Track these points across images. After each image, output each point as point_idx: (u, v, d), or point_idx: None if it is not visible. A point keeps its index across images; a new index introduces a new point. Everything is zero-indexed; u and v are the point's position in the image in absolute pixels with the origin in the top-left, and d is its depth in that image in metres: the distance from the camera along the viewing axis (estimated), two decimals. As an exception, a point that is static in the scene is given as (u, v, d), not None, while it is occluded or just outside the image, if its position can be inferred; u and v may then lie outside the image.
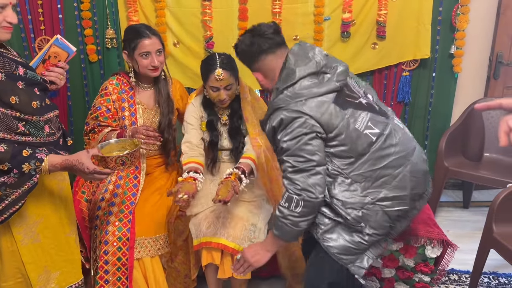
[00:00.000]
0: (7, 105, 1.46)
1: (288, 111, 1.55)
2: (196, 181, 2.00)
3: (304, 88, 1.57)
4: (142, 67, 2.11)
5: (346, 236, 1.61)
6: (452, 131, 2.94)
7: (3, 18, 1.46)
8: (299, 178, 1.54)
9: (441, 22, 2.95)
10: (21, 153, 1.46)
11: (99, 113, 2.16)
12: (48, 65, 1.71)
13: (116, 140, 1.85)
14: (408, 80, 3.07)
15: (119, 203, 2.07)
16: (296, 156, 1.55)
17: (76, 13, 2.81)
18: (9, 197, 1.49)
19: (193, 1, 2.84)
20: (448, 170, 2.87)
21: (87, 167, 1.53)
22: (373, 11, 2.90)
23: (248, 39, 1.69)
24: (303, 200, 1.54)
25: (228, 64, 2.07)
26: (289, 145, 1.55)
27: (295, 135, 1.54)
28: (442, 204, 3.19)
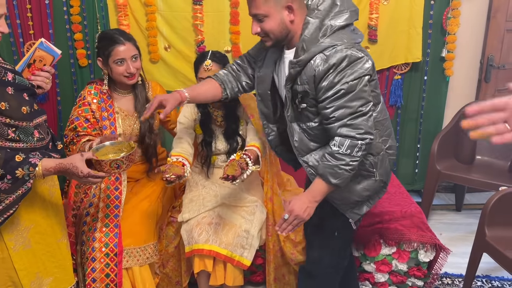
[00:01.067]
0: None
1: (353, 50, 1.50)
2: (184, 166, 1.94)
3: (351, 35, 1.56)
4: (117, 74, 2.06)
5: (354, 185, 1.67)
6: (444, 134, 2.95)
7: None
8: (361, 122, 1.52)
9: (432, 25, 2.96)
10: (14, 158, 1.43)
11: (77, 124, 2.07)
12: (34, 69, 1.68)
13: (111, 143, 1.81)
14: (400, 83, 3.07)
15: (102, 218, 2.02)
16: (359, 99, 1.50)
17: (65, 17, 2.78)
18: (3, 203, 1.47)
19: (184, 5, 2.82)
20: (440, 173, 2.87)
21: (81, 171, 1.51)
22: (364, 14, 2.90)
23: None
24: (365, 144, 1.54)
25: (219, 58, 2.08)
26: (352, 86, 1.49)
27: (359, 75, 1.50)
28: (435, 207, 3.20)
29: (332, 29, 1.52)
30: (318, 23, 1.52)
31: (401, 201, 2.40)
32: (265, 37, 1.61)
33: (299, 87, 1.58)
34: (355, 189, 1.69)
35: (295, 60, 1.55)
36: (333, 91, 1.50)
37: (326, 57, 1.49)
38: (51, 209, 1.69)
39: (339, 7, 1.55)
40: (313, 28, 1.52)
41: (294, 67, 1.56)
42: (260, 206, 2.14)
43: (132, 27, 2.84)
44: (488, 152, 3.00)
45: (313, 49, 1.51)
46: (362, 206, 1.74)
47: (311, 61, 1.52)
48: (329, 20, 1.53)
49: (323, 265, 1.83)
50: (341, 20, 1.54)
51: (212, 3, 2.81)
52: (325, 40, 1.51)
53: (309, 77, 1.54)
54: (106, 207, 2.04)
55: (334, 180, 1.56)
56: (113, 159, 1.61)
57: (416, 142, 3.23)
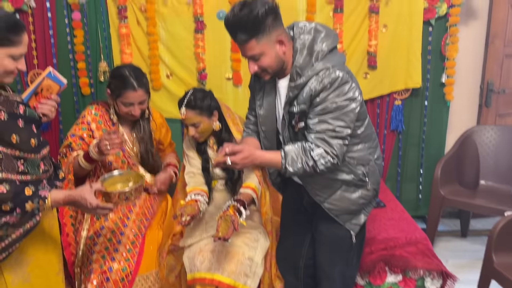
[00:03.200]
0: (7, 144, 1.45)
1: (343, 72, 1.62)
2: (198, 202, 2.03)
3: (339, 56, 1.68)
4: (121, 112, 2.13)
5: (349, 195, 1.79)
6: (447, 159, 2.94)
7: (16, 66, 1.49)
8: (336, 144, 1.65)
9: (431, 51, 3.00)
10: (24, 191, 1.44)
11: (72, 140, 2.12)
12: (41, 98, 1.70)
13: (119, 172, 1.84)
14: (400, 109, 3.08)
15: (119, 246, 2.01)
16: (340, 121, 1.63)
17: (69, 47, 2.82)
18: (10, 236, 1.46)
19: (186, 34, 2.87)
20: (444, 198, 2.84)
21: (89, 203, 1.52)
22: (363, 41, 2.94)
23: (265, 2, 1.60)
24: (331, 163, 1.66)
25: (196, 103, 2.08)
26: (339, 106, 1.62)
27: (349, 97, 1.62)
28: (440, 233, 3.15)
29: (323, 53, 1.65)
30: (307, 50, 1.65)
31: (405, 227, 2.36)
32: (263, 73, 1.71)
33: (296, 107, 1.70)
34: (351, 198, 1.81)
35: (293, 84, 1.68)
36: (321, 106, 1.64)
37: (321, 79, 1.62)
38: (50, 243, 1.69)
39: (324, 32, 1.68)
40: (304, 55, 1.65)
41: (292, 90, 1.69)
42: (264, 233, 2.11)
43: (134, 56, 2.87)
44: (492, 177, 2.98)
45: (309, 73, 1.64)
46: (359, 215, 1.85)
47: (308, 83, 1.65)
48: (317, 46, 1.65)
49: (337, 281, 1.89)
50: (329, 44, 1.67)
51: (213, 32, 2.86)
52: (318, 64, 1.64)
53: (306, 98, 1.66)
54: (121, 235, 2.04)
55: (289, 164, 1.68)
56: (121, 191, 1.63)
57: (419, 167, 3.22)
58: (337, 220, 1.84)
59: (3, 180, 1.42)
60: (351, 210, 1.83)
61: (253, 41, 1.61)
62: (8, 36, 1.42)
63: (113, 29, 2.84)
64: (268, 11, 1.58)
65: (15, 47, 1.45)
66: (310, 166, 1.66)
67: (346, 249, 1.89)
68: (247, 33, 1.60)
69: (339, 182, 1.79)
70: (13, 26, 1.43)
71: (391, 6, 2.89)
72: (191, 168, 2.21)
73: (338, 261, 1.90)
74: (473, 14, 3.03)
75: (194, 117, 2.09)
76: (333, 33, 1.71)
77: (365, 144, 1.79)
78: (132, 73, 2.10)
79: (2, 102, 1.46)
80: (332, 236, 1.87)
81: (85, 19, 2.78)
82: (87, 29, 2.81)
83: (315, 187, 1.81)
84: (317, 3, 2.85)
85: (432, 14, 2.90)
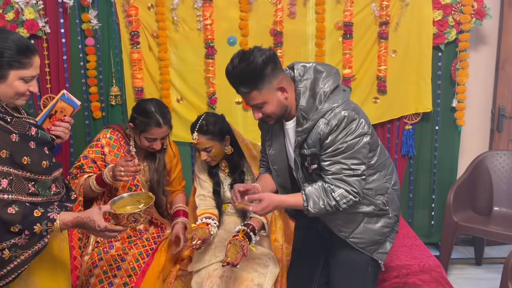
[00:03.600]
0: (18, 165, 1.45)
1: (348, 111, 1.63)
2: (208, 225, 2.03)
3: (342, 95, 1.67)
4: (143, 145, 2.13)
5: (372, 226, 1.78)
6: (459, 184, 2.89)
7: (27, 88, 1.51)
8: (355, 181, 1.64)
9: (441, 76, 3.00)
10: (32, 213, 1.43)
11: (84, 162, 2.12)
12: (55, 120, 1.73)
13: (129, 194, 1.85)
14: (411, 133, 3.06)
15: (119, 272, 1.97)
16: (353, 159, 1.63)
17: (82, 72, 2.87)
18: (19, 258, 1.45)
19: (196, 59, 2.91)
20: (457, 225, 2.78)
21: (98, 225, 1.52)
22: (373, 66, 2.95)
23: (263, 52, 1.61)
24: (353, 201, 1.66)
25: (207, 128, 2.11)
26: (350, 145, 1.62)
27: (358, 134, 1.63)
28: (454, 261, 3.07)
29: (326, 94, 1.65)
30: (309, 92, 1.66)
31: (418, 254, 2.31)
32: (268, 118, 1.73)
33: (307, 151, 1.70)
34: (375, 228, 1.79)
35: (300, 128, 1.69)
36: (332, 148, 1.64)
37: (328, 121, 1.63)
38: (59, 265, 1.67)
39: (325, 73, 1.69)
40: (307, 98, 1.66)
41: (300, 134, 1.69)
42: (273, 259, 2.07)
43: (145, 80, 2.92)
44: (505, 203, 2.91)
45: (314, 116, 1.65)
46: (385, 243, 1.84)
47: (315, 127, 1.66)
48: (320, 88, 1.66)
49: None
50: (330, 84, 1.67)
51: (223, 57, 2.89)
52: (323, 106, 1.65)
53: (315, 141, 1.67)
54: (122, 261, 2.00)
55: (311, 206, 1.67)
56: (130, 213, 1.62)
57: (431, 193, 3.17)
58: (364, 252, 1.81)
59: (13, 201, 1.42)
60: (376, 240, 1.81)
61: (255, 92, 1.63)
62: (19, 58, 1.45)
63: (125, 54, 2.89)
64: (266, 61, 1.60)
65: (26, 70, 1.47)
66: (333, 206, 1.66)
67: (363, 275, 1.85)
68: (248, 86, 1.63)
69: (360, 215, 1.77)
70: (24, 49, 1.46)
71: (400, 31, 2.91)
72: (202, 191, 2.21)
73: (354, 287, 1.86)
74: (482, 39, 3.04)
75: (206, 142, 2.10)
76: (333, 71, 1.72)
77: (380, 173, 1.78)
78: (158, 109, 2.09)
79: (14, 124, 1.47)
80: (349, 262, 1.83)
81: (98, 44, 2.84)
82: (100, 54, 2.86)
83: (338, 224, 1.79)
84: (326, 29, 2.89)
85: (442, 39, 2.91)
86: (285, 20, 2.86)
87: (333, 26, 2.89)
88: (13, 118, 1.48)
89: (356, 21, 2.88)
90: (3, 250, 1.41)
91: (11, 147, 1.44)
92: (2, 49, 1.43)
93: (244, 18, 2.85)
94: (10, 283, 1.48)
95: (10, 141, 1.44)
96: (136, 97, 2.91)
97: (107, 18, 2.84)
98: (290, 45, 2.90)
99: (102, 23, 2.81)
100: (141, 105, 2.15)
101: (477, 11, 2.85)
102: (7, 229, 1.40)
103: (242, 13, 2.85)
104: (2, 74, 1.44)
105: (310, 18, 2.89)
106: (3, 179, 1.40)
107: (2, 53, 1.43)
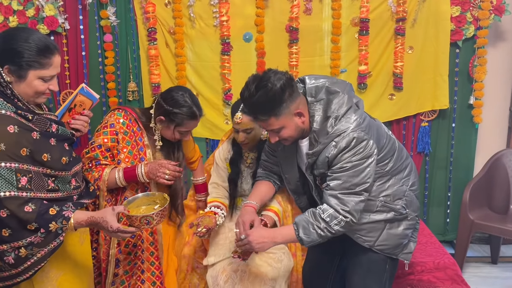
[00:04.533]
0: (39, 163, 1.48)
1: (358, 132, 1.61)
2: (216, 215, 2.04)
3: (355, 115, 1.64)
4: (171, 137, 2.03)
5: (395, 231, 1.77)
6: (476, 182, 2.86)
7: (47, 86, 1.53)
8: (350, 200, 1.62)
9: (458, 73, 2.97)
10: (48, 211, 1.46)
11: (99, 152, 1.95)
12: (74, 113, 1.75)
13: (145, 194, 1.80)
14: (427, 130, 3.04)
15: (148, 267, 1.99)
16: (355, 177, 1.61)
17: (100, 68, 2.92)
18: (35, 256, 1.48)
19: (212, 55, 2.93)
20: (473, 223, 2.76)
21: (110, 226, 1.53)
22: (389, 63, 2.93)
23: (279, 77, 1.59)
24: (345, 222, 1.62)
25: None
26: (355, 165, 1.61)
27: (364, 155, 1.61)
28: (469, 259, 3.05)
29: (338, 118, 1.63)
30: (322, 114, 1.65)
31: (433, 252, 2.30)
32: (284, 141, 1.72)
33: (316, 171, 1.71)
34: (397, 233, 1.78)
35: (311, 152, 1.69)
36: (338, 165, 1.63)
37: (336, 143, 1.62)
38: (80, 258, 1.71)
39: (338, 94, 1.65)
40: (319, 120, 1.65)
41: (310, 157, 1.70)
42: (288, 254, 2.09)
43: (162, 76, 2.95)
44: (523, 201, 2.88)
45: (325, 140, 1.64)
46: (409, 244, 1.84)
47: (324, 150, 1.65)
48: (332, 112, 1.64)
49: None
50: (343, 106, 1.64)
51: (239, 53, 2.91)
52: (334, 130, 1.63)
53: (323, 163, 1.67)
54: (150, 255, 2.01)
55: (303, 234, 1.65)
56: (143, 215, 1.60)
57: (447, 190, 3.15)
58: (390, 256, 1.80)
59: (30, 199, 1.45)
60: (401, 243, 1.80)
61: (273, 119, 1.61)
62: (38, 59, 1.46)
63: (143, 50, 2.92)
64: (284, 87, 1.57)
65: (45, 70, 1.49)
66: (323, 228, 1.62)
67: (380, 273, 1.84)
68: (266, 113, 1.61)
69: (382, 222, 1.76)
70: (43, 49, 1.47)
71: (417, 28, 2.89)
72: (217, 179, 2.21)
73: (374, 285, 1.85)
74: (501, 35, 3.00)
75: (248, 123, 2.07)
76: (346, 89, 1.67)
77: (395, 177, 1.77)
78: (193, 101, 1.99)
79: (35, 122, 1.50)
80: (367, 260, 1.82)
81: (116, 41, 2.88)
82: (118, 51, 2.90)
83: (361, 235, 1.77)
84: (343, 25, 2.88)
85: (460, 36, 2.88)
86: (301, 17, 2.87)
87: (349, 22, 2.88)
88: (34, 115, 1.50)
89: (373, 17, 2.86)
90: (20, 248, 1.44)
91: (32, 145, 1.46)
92: (22, 50, 1.44)
93: (260, 14, 2.86)
94: (28, 279, 1.51)
95: (31, 139, 1.46)
96: (153, 92, 2.94)
97: (125, 15, 2.87)
98: (306, 42, 2.90)
99: (120, 20, 2.85)
100: (174, 98, 1.98)
101: (496, 7, 2.82)
102: (24, 226, 1.43)
103: (258, 10, 2.85)
104: (21, 74, 1.46)
105: (326, 14, 2.88)
106: (23, 177, 1.43)
107: (22, 53, 1.44)
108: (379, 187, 1.72)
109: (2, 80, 1.46)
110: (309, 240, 1.65)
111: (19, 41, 1.45)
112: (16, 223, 1.42)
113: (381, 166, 1.71)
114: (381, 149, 1.70)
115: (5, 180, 1.40)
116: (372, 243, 1.77)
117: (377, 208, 1.73)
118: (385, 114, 2.99)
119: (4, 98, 1.46)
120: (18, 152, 1.43)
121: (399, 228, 1.78)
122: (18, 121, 1.45)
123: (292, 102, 1.61)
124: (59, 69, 1.55)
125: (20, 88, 1.48)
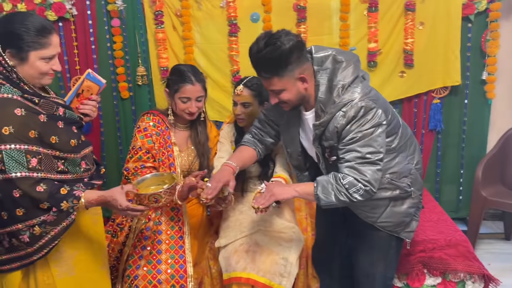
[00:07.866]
0: (48, 145, 1.52)
1: (366, 101, 1.60)
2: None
3: (362, 85, 1.63)
4: (179, 109, 2.09)
5: (399, 208, 1.77)
6: (489, 158, 2.84)
7: (50, 67, 1.55)
8: (367, 170, 1.60)
9: (471, 48, 2.91)
10: (59, 191, 1.50)
11: (141, 154, 2.03)
12: (82, 98, 1.79)
13: (153, 174, 1.85)
14: (439, 107, 3.00)
15: (167, 249, 2.01)
16: (368, 146, 1.60)
17: (109, 53, 2.93)
18: (49, 234, 1.53)
19: (220, 37, 2.92)
20: (486, 200, 2.74)
21: (120, 204, 1.56)
22: (399, 39, 2.89)
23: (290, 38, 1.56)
24: (365, 191, 1.61)
25: (253, 85, 2.12)
26: (365, 134, 1.60)
27: (374, 124, 1.60)
28: (482, 236, 3.04)
29: (344, 87, 1.62)
30: (327, 83, 1.63)
31: (444, 229, 2.30)
32: (284, 105, 1.71)
33: (326, 143, 1.69)
34: (401, 211, 1.79)
35: (317, 122, 1.67)
36: (348, 137, 1.62)
37: (344, 113, 1.61)
38: (94, 237, 1.75)
39: (344, 62, 1.64)
40: (324, 89, 1.64)
41: (318, 128, 1.68)
42: (298, 233, 2.10)
43: (170, 60, 2.95)
44: (537, 177, 2.85)
45: (332, 110, 1.63)
46: (411, 222, 1.84)
47: (332, 120, 1.64)
48: (338, 80, 1.63)
49: (378, 281, 1.88)
50: (349, 76, 1.63)
51: (247, 35, 2.89)
52: (341, 99, 1.61)
53: (332, 133, 1.65)
54: (171, 238, 2.04)
55: (321, 193, 1.64)
56: (151, 193, 1.64)
57: (459, 167, 3.12)
58: (392, 234, 1.82)
59: (42, 180, 1.49)
60: (403, 221, 1.81)
61: (275, 78, 1.60)
62: (37, 39, 1.49)
63: (150, 34, 2.92)
64: (293, 48, 1.55)
65: (45, 49, 1.51)
66: (343, 194, 1.61)
67: (386, 249, 1.86)
68: (270, 71, 1.60)
69: (386, 200, 1.76)
70: (41, 29, 1.50)
71: (428, 3, 2.83)
72: (222, 154, 2.19)
73: (380, 261, 1.87)
74: (515, 8, 2.92)
75: (247, 97, 2.10)
76: (353, 60, 1.67)
77: (401, 154, 1.77)
78: (190, 69, 2.10)
79: (42, 105, 1.53)
80: (372, 237, 1.84)
81: (123, 25, 2.88)
82: (126, 35, 2.90)
83: (364, 210, 1.78)
84: (351, 2, 2.83)
85: (471, 9, 2.81)
86: (308, -5, 2.83)
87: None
88: (41, 99, 1.53)
89: (382, -7, 2.81)
90: (34, 226, 1.50)
91: (40, 127, 1.50)
92: (20, 32, 1.47)
93: (267, -6, 2.83)
94: (43, 257, 1.56)
95: (39, 122, 1.50)
96: (162, 76, 2.95)
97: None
98: (314, 20, 2.87)
99: (126, 4, 2.85)
100: (175, 67, 2.16)
101: (510, -22, 2.74)
102: (37, 206, 1.48)
103: (265, -11, 2.82)
104: (23, 56, 1.49)
105: (334, -8, 2.84)
106: (33, 158, 1.47)
107: (20, 35, 1.47)
108: (386, 164, 1.70)
109: (7, 65, 1.49)
110: (326, 201, 1.64)
111: (15, 23, 1.48)
112: (29, 202, 1.47)
113: (388, 142, 1.70)
114: (388, 122, 1.68)
115: (16, 162, 1.44)
116: (374, 219, 1.78)
117: (384, 185, 1.72)
118: (396, 92, 2.96)
119: (11, 83, 1.49)
120: (26, 134, 1.46)
121: (402, 206, 1.78)
122: (25, 105, 1.48)
123: (298, 66, 1.60)
124: (59, 49, 1.57)
125: (24, 70, 1.51)
